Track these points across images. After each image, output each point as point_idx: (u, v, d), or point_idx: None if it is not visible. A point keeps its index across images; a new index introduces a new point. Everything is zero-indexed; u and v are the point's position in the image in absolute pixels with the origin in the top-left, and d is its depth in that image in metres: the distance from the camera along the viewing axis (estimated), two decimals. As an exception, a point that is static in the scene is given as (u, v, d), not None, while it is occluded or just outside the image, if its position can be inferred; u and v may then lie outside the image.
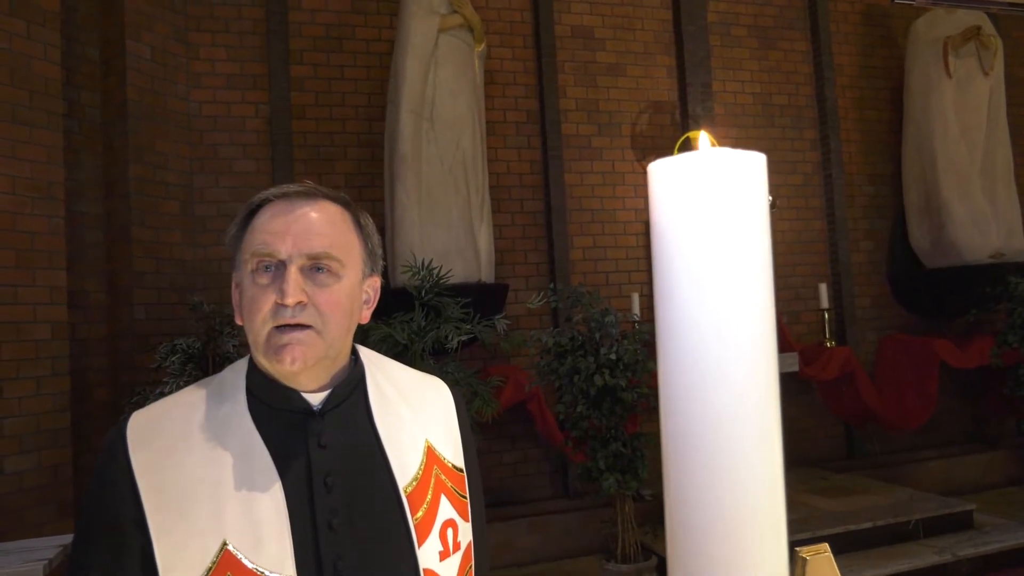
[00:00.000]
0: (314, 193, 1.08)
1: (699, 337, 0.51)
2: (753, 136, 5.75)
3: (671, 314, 0.53)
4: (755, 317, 0.52)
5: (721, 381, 0.51)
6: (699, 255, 0.52)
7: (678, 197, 0.53)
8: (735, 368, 0.51)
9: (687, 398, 0.52)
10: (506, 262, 5.04)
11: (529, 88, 5.26)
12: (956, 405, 5.91)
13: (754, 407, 0.52)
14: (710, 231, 0.52)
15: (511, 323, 4.05)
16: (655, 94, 5.55)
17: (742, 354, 0.52)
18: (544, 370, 3.84)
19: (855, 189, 6.02)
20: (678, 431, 0.52)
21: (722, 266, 0.52)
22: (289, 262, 1.01)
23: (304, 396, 1.05)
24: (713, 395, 0.52)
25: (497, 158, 5.10)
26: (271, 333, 1.00)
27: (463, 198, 4.44)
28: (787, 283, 5.70)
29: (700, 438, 0.51)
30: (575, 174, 5.26)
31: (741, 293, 0.52)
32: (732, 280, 0.52)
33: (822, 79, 5.90)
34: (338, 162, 4.83)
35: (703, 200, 0.52)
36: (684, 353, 0.52)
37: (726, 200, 0.52)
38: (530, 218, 5.17)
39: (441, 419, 1.15)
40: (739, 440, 0.51)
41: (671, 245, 0.53)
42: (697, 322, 0.52)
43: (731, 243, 0.52)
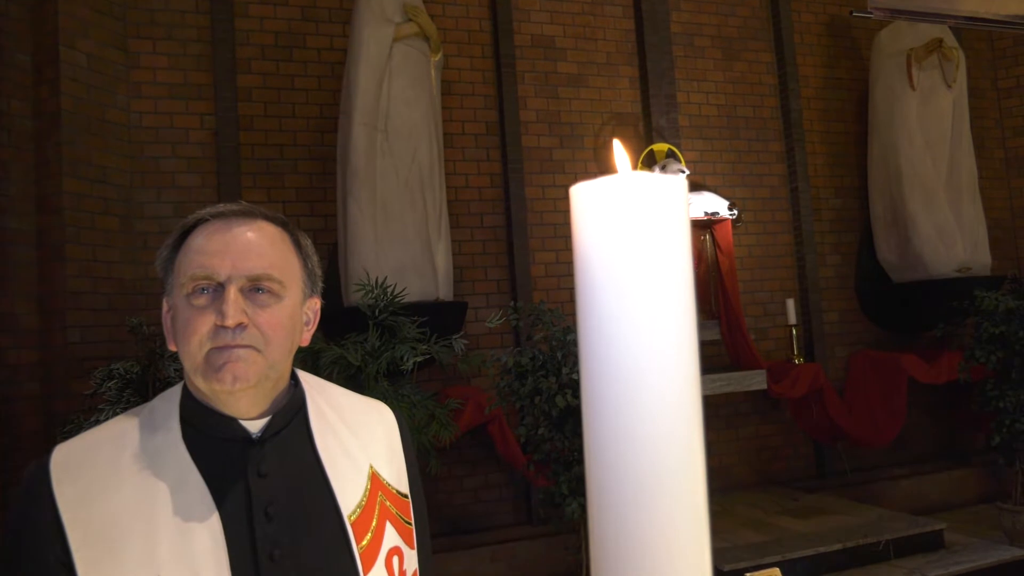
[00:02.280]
0: (252, 213, 1.10)
1: (620, 364, 0.55)
2: (718, 148, 5.88)
3: (592, 341, 0.56)
4: (675, 341, 0.56)
5: (642, 405, 0.55)
6: (619, 280, 0.56)
7: (598, 220, 0.57)
8: (657, 392, 0.55)
9: (609, 423, 0.55)
10: (465, 279, 5.06)
11: (488, 99, 5.32)
12: (926, 421, 6.07)
13: (676, 428, 0.56)
14: (629, 256, 0.56)
15: (470, 343, 4.07)
16: (618, 105, 5.65)
17: (664, 379, 0.55)
18: (504, 391, 3.86)
19: (822, 202, 6.18)
20: (600, 457, 0.55)
21: (641, 290, 0.55)
22: (228, 283, 1.03)
23: (242, 423, 1.07)
24: (635, 419, 0.55)
25: (455, 171, 5.14)
26: (210, 353, 1.02)
27: (419, 213, 4.46)
28: (754, 299, 5.83)
29: (621, 462, 0.55)
30: (536, 187, 5.32)
31: (661, 318, 0.55)
32: (651, 304, 0.55)
33: (787, 91, 6.08)
34: (288, 176, 4.82)
35: (623, 224, 0.56)
36: (606, 381, 0.56)
37: (645, 224, 0.56)
38: (490, 233, 5.21)
39: (384, 444, 1.17)
40: (661, 464, 0.55)
41: (592, 270, 0.56)
42: (618, 348, 0.55)
43: (650, 267, 0.56)
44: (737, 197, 5.69)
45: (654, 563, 0.52)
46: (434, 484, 4.71)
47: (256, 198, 4.70)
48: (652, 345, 0.56)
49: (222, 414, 1.06)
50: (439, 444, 3.50)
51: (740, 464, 5.67)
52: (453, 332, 3.86)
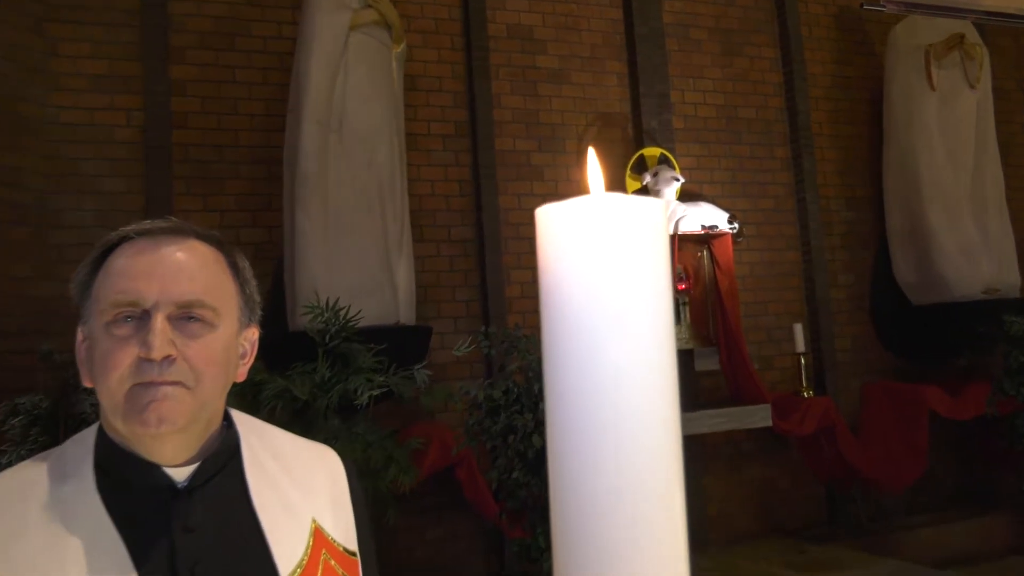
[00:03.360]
0: (182, 230, 1.10)
1: (590, 409, 0.56)
2: (716, 153, 5.96)
3: (559, 383, 0.57)
4: (652, 382, 0.57)
5: (614, 456, 0.56)
6: (589, 316, 0.57)
7: (566, 247, 0.58)
8: (631, 441, 0.56)
9: (577, 476, 0.56)
10: (430, 300, 5.07)
11: (457, 96, 5.36)
12: (950, 461, 6.15)
13: (653, 480, 0.57)
14: (601, 288, 0.57)
15: (435, 373, 4.06)
16: (604, 105, 5.71)
17: (639, 427, 0.56)
18: (473, 429, 3.86)
19: (832, 215, 6.28)
20: (567, 512, 0.56)
21: (614, 326, 0.57)
22: (155, 311, 1.03)
23: (166, 471, 1.06)
24: (606, 470, 0.56)
25: (419, 177, 5.15)
26: (133, 391, 1.01)
27: (378, 225, 4.47)
28: (757, 323, 5.89)
29: (591, 519, 0.56)
30: (511, 196, 5.35)
31: (636, 357, 0.57)
32: (626, 342, 0.57)
33: (793, 90, 6.18)
34: (228, 181, 4.81)
35: (593, 252, 0.57)
36: (574, 429, 0.57)
37: (619, 252, 0.57)
38: (458, 248, 5.22)
39: (330, 494, 1.17)
40: (636, 520, 0.56)
41: (558, 304, 0.58)
42: (588, 391, 0.56)
43: (625, 300, 0.57)
44: (738, 209, 5.76)
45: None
46: (391, 536, 4.67)
47: (190, 206, 4.68)
48: (627, 386, 0.57)
49: (143, 460, 1.06)
50: (398, 490, 3.49)
51: (742, 512, 5.69)
52: (415, 361, 3.86)
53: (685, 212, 5.21)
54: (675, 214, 5.19)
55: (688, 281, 5.48)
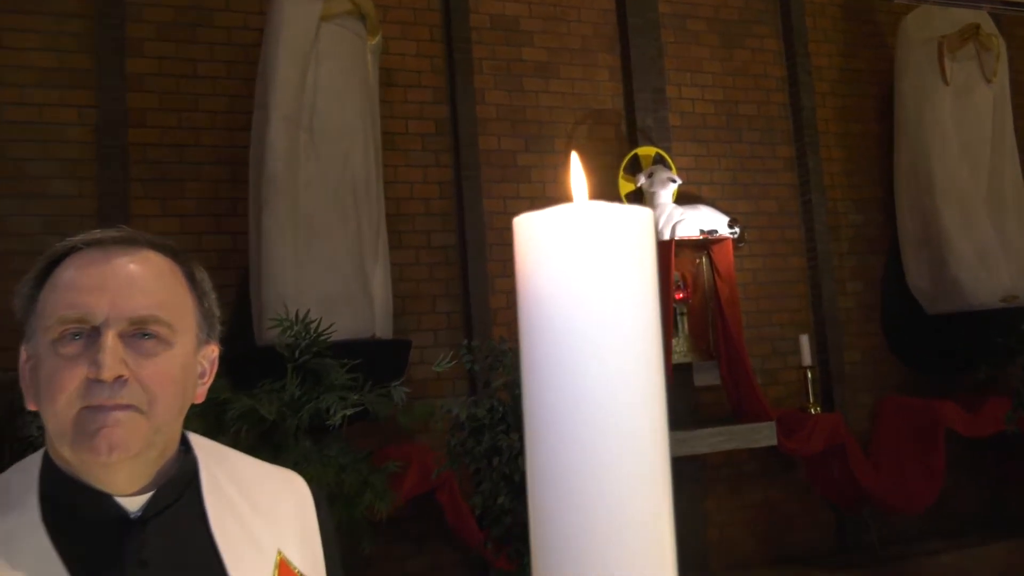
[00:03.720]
0: (135, 240, 1.10)
1: (571, 431, 0.56)
2: (716, 153, 5.99)
3: (538, 403, 0.57)
4: (639, 393, 0.57)
5: (598, 479, 0.56)
6: (571, 332, 0.57)
7: (546, 260, 0.58)
8: (618, 449, 0.56)
9: (557, 501, 0.57)
10: (408, 312, 5.06)
11: (438, 91, 5.36)
12: (969, 482, 6.17)
13: (640, 507, 0.57)
14: (584, 302, 0.57)
15: (413, 391, 4.06)
16: (596, 101, 5.73)
17: (624, 450, 0.57)
18: (456, 450, 3.85)
19: (840, 218, 6.32)
20: (548, 527, 0.57)
21: (598, 342, 0.57)
22: (106, 327, 1.03)
23: (118, 501, 1.06)
24: (589, 496, 0.56)
25: (397, 179, 5.15)
26: (81, 415, 1.01)
27: (352, 230, 4.47)
28: (761, 334, 5.91)
29: (575, 534, 0.56)
30: (496, 199, 5.36)
31: (622, 375, 0.57)
32: (610, 359, 0.57)
33: (797, 84, 6.22)
34: (189, 183, 4.79)
35: (575, 264, 0.57)
36: (554, 451, 0.57)
37: (603, 264, 0.58)
38: (439, 255, 5.22)
39: (297, 524, 1.17)
40: (625, 538, 0.56)
41: (537, 318, 0.58)
42: (569, 411, 0.56)
43: (609, 315, 0.57)
44: (739, 212, 5.79)
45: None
46: (367, 567, 4.65)
47: (148, 211, 4.66)
48: (611, 405, 0.57)
49: (93, 489, 1.05)
50: (374, 517, 3.48)
51: (745, 537, 5.70)
52: (392, 378, 3.85)
53: (682, 216, 5.24)
54: (672, 218, 5.21)
55: (686, 290, 5.50)
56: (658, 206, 5.26)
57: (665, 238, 5.19)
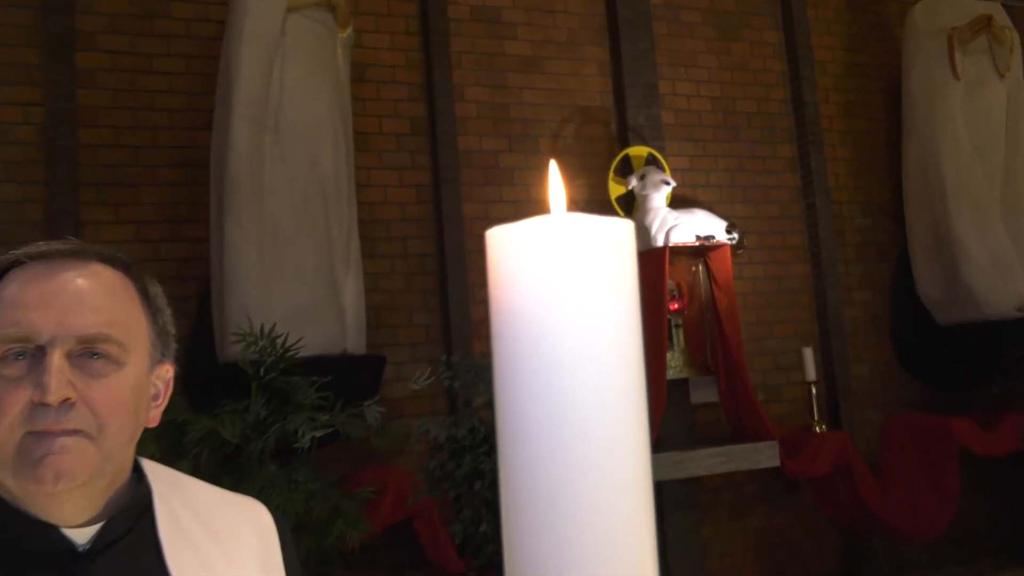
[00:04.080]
0: (83, 253, 1.10)
1: (546, 442, 0.57)
2: (712, 153, 6.02)
3: (513, 427, 0.58)
4: (619, 415, 0.58)
5: (574, 493, 0.57)
6: (547, 351, 0.58)
7: (520, 275, 0.59)
8: (595, 476, 0.57)
9: (532, 513, 0.57)
10: (383, 325, 5.06)
11: (414, 88, 5.37)
12: (984, 505, 6.20)
13: (622, 521, 0.58)
14: (559, 316, 0.58)
15: (388, 410, 4.06)
16: (583, 97, 5.76)
17: (602, 459, 0.57)
18: (434, 474, 3.85)
19: (846, 222, 6.36)
20: (523, 556, 0.57)
21: (576, 362, 0.58)
22: (51, 347, 1.03)
23: (65, 532, 1.06)
24: (566, 523, 0.57)
25: (370, 182, 5.16)
26: (25, 441, 1.01)
27: (322, 237, 4.46)
28: (762, 347, 5.93)
29: (551, 563, 0.57)
30: (477, 203, 5.37)
31: (599, 388, 0.58)
32: (588, 381, 0.58)
33: (799, 79, 6.27)
34: (145, 188, 4.78)
35: (552, 278, 0.58)
36: (529, 463, 0.58)
37: (581, 278, 0.58)
38: (416, 264, 5.22)
39: (259, 556, 1.17)
40: (605, 563, 0.57)
41: (512, 338, 0.59)
42: (544, 424, 0.57)
43: (587, 333, 0.58)
44: (737, 216, 5.82)
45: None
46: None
47: (100, 217, 4.64)
48: (588, 429, 0.58)
49: (38, 520, 1.05)
50: (347, 547, 3.47)
51: (747, 565, 5.71)
52: (366, 396, 3.85)
53: (677, 221, 5.25)
54: (665, 223, 5.23)
55: (681, 300, 5.51)
56: (651, 210, 5.27)
57: (658, 245, 5.20)
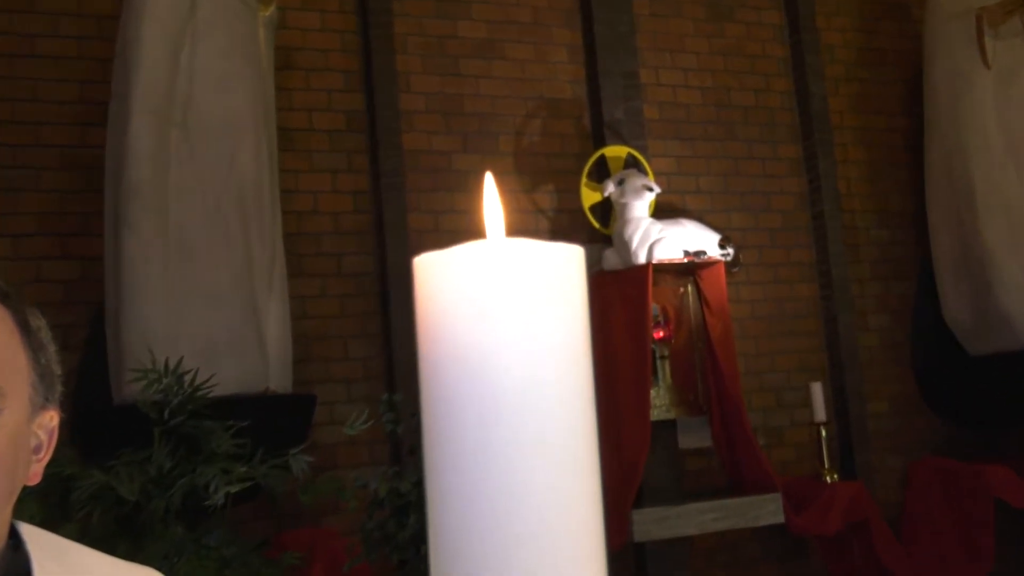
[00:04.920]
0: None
1: (482, 504, 0.59)
2: (703, 153, 6.07)
3: (445, 469, 0.60)
4: (565, 467, 0.60)
5: (517, 558, 0.59)
6: (480, 388, 0.60)
7: (452, 307, 0.61)
8: (540, 536, 0.59)
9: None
10: (313, 358, 5.04)
11: (350, 76, 5.38)
12: (1021, 565, 6.25)
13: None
14: (495, 355, 0.60)
15: (319, 459, 4.05)
16: (551, 88, 5.79)
17: (548, 518, 0.59)
18: (374, 536, 3.84)
19: (860, 234, 6.43)
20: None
21: (512, 403, 0.60)
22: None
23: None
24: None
25: (298, 188, 5.15)
26: None
27: (239, 253, 4.45)
28: (762, 383, 5.97)
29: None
30: (425, 213, 5.37)
31: (542, 435, 0.60)
32: (527, 421, 0.60)
33: (804, 67, 6.33)
34: (27, 194, 4.74)
35: (487, 312, 0.60)
36: (461, 523, 0.60)
37: (521, 312, 0.61)
38: (353, 285, 5.22)
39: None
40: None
41: (443, 372, 0.61)
42: (479, 479, 0.59)
43: (526, 371, 0.60)
44: (733, 228, 5.86)
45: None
46: None
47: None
48: (532, 487, 0.60)
49: None
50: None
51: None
52: (292, 443, 3.83)
53: (662, 233, 5.26)
54: (648, 236, 5.23)
55: (667, 327, 5.51)
56: (631, 221, 5.26)
57: (640, 262, 5.21)
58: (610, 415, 5.11)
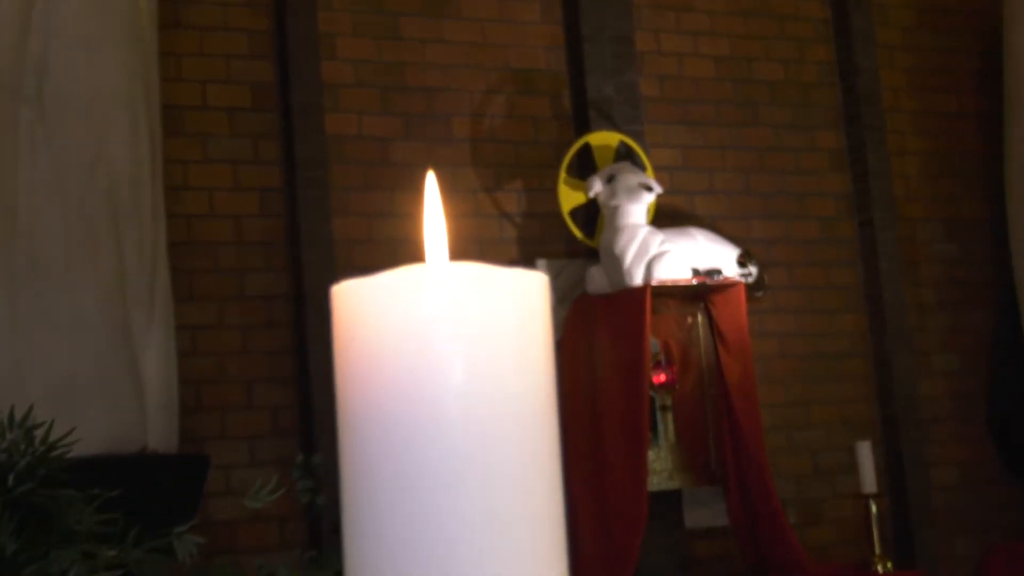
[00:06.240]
0: None
1: (422, 572, 0.61)
2: (717, 143, 6.10)
3: (369, 549, 0.63)
4: (525, 540, 0.62)
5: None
6: (415, 442, 0.62)
7: (381, 345, 0.63)
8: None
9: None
10: (206, 406, 5.04)
11: (257, 38, 5.40)
12: None
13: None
14: (437, 403, 0.62)
15: (212, 541, 4.02)
16: (520, 56, 5.81)
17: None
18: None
19: (920, 249, 6.47)
20: None
21: (455, 462, 0.62)
22: None
23: None
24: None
25: (188, 184, 5.15)
26: None
27: (110, 268, 4.44)
28: (793, 442, 6.00)
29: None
30: (356, 218, 5.38)
31: (489, 509, 0.62)
32: (471, 491, 0.61)
33: (849, 33, 6.38)
34: None
35: (424, 355, 0.62)
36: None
37: (466, 355, 0.62)
38: (260, 311, 5.22)
39: None
40: None
41: (368, 423, 0.63)
42: (420, 548, 0.61)
43: (473, 429, 0.62)
44: (756, 240, 5.89)
45: None
46: None
47: None
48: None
49: None
50: None
51: None
52: (177, 519, 3.82)
53: (664, 247, 5.24)
54: (647, 249, 5.22)
55: (670, 368, 5.48)
56: (624, 230, 5.26)
57: (635, 283, 5.19)
58: (596, 482, 5.12)
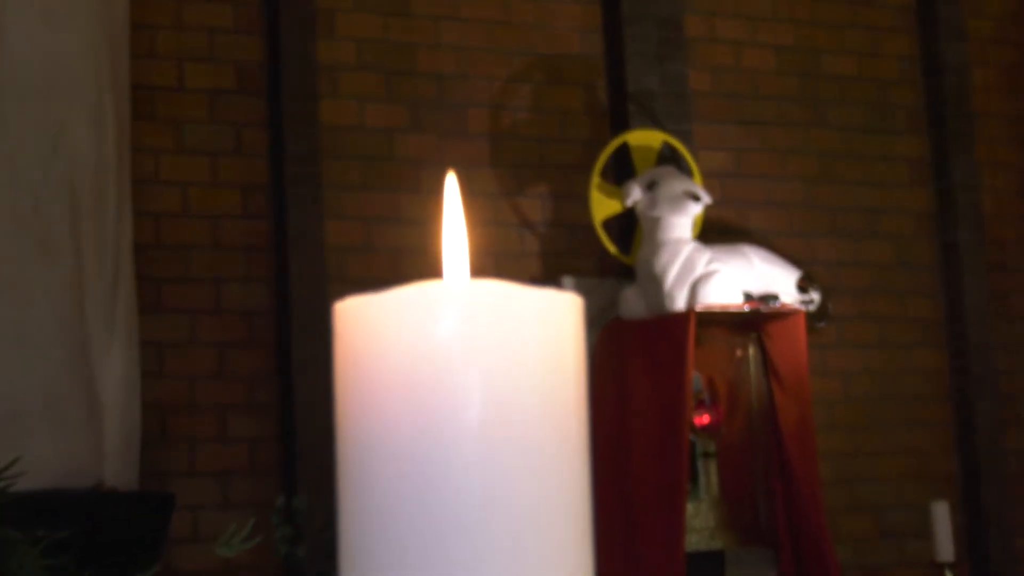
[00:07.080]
0: None
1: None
2: (779, 147, 6.13)
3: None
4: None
5: None
6: (426, 481, 0.66)
7: (389, 371, 0.66)
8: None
9: None
10: (173, 437, 5.07)
11: (244, 11, 5.46)
12: None
13: None
14: (449, 438, 0.65)
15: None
16: (550, 41, 5.86)
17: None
18: None
19: (1014, 277, 6.49)
20: None
21: (472, 507, 0.65)
22: None
23: None
24: None
25: (159, 177, 5.20)
26: None
27: (66, 275, 4.48)
28: (856, 498, 5.99)
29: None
30: (352, 222, 5.43)
31: (515, 555, 0.67)
32: (491, 532, 0.66)
33: (935, 23, 6.41)
34: None
35: (439, 379, 0.65)
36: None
37: (486, 382, 0.66)
38: (239, 327, 5.27)
39: None
40: None
41: (372, 458, 0.67)
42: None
43: (497, 457, 0.66)
44: (820, 262, 5.91)
45: None
46: None
47: None
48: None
49: None
50: None
51: None
52: (137, 566, 3.88)
53: (711, 267, 5.24)
54: (691, 269, 5.22)
55: (715, 409, 5.46)
56: (666, 246, 5.30)
57: (677, 307, 5.20)
58: (625, 538, 5.13)
